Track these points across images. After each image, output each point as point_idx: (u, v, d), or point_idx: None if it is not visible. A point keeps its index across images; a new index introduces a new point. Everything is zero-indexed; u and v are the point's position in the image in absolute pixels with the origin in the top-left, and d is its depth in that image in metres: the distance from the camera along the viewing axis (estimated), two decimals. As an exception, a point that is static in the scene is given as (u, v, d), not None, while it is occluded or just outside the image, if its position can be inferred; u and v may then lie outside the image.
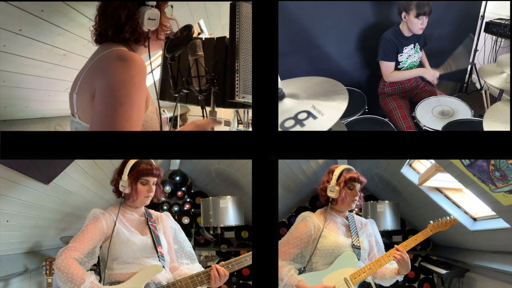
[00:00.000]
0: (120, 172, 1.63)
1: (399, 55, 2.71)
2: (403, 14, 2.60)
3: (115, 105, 1.22)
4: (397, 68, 2.77)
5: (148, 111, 1.40)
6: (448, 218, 1.78)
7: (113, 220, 1.57)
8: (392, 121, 2.76)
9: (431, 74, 2.73)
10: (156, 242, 1.60)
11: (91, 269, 1.53)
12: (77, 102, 1.34)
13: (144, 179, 1.61)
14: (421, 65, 2.86)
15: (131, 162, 1.62)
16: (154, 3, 1.38)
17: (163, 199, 1.70)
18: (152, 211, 1.71)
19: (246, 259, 1.63)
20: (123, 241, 1.55)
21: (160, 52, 1.94)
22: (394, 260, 1.72)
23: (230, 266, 1.60)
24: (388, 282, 1.80)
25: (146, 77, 1.31)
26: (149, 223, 1.64)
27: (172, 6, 1.48)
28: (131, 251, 1.55)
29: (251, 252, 1.62)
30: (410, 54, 2.74)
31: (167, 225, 1.71)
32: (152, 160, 1.66)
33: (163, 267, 1.58)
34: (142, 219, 1.66)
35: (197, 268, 1.68)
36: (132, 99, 1.24)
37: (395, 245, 1.73)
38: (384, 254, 1.77)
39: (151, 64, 1.40)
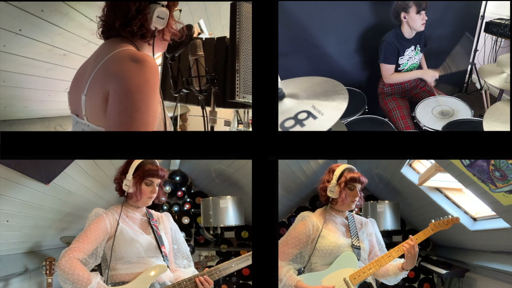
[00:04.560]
0: (124, 171, 1.61)
1: (400, 58, 2.71)
2: (402, 14, 2.60)
3: (131, 111, 1.20)
4: (397, 70, 2.76)
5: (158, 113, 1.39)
6: (449, 216, 1.76)
7: (116, 219, 1.56)
8: (391, 121, 2.76)
9: (431, 76, 2.72)
10: (159, 242, 1.59)
11: (92, 270, 1.52)
12: (86, 104, 1.30)
13: (149, 179, 1.60)
14: (420, 67, 2.86)
15: (137, 161, 1.61)
16: (165, 2, 1.38)
17: (163, 199, 1.70)
18: (152, 211, 1.71)
19: (231, 265, 1.63)
20: (128, 240, 1.54)
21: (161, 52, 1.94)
22: (397, 257, 1.72)
23: (217, 272, 1.60)
24: (393, 280, 1.78)
25: (159, 78, 1.29)
26: (152, 223, 1.64)
27: (180, 10, 1.47)
28: (136, 250, 1.54)
29: (236, 258, 1.64)
30: (411, 56, 2.74)
31: (167, 225, 1.71)
32: (156, 161, 1.66)
33: (167, 267, 1.58)
34: (144, 219, 1.65)
35: (192, 271, 1.67)
36: (148, 103, 1.22)
37: (410, 235, 1.73)
38: (384, 254, 1.76)
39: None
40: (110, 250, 1.52)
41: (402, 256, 1.76)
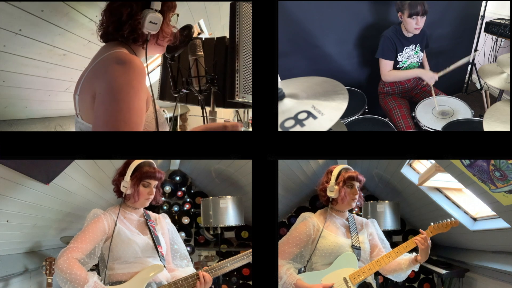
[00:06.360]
0: (122, 172, 1.63)
1: (398, 55, 2.71)
2: (399, 14, 2.60)
3: (114, 110, 1.24)
4: (396, 68, 2.76)
5: (149, 111, 1.40)
6: (449, 220, 1.77)
7: (114, 220, 1.58)
8: (391, 121, 2.76)
9: (430, 77, 2.70)
10: (156, 242, 1.60)
11: (90, 270, 1.53)
12: (79, 103, 1.36)
13: (146, 181, 1.62)
14: (421, 66, 2.86)
15: (135, 163, 1.62)
16: (159, 7, 1.39)
17: (163, 199, 1.71)
18: (150, 212, 1.72)
19: (227, 264, 1.64)
20: (124, 241, 1.55)
21: (160, 52, 1.94)
22: (396, 258, 1.73)
23: (213, 271, 1.61)
24: (403, 275, 1.80)
25: (145, 79, 1.32)
26: (149, 223, 1.65)
27: (178, 15, 1.48)
28: (133, 250, 1.55)
29: (232, 258, 1.65)
30: (410, 55, 2.74)
31: (165, 226, 1.72)
32: (154, 163, 1.66)
33: (164, 266, 1.58)
34: (141, 220, 1.67)
35: (191, 271, 1.68)
36: (130, 103, 1.25)
37: (420, 230, 1.76)
38: (384, 255, 1.77)
39: (147, 67, 1.41)
40: (108, 250, 1.54)
41: (413, 251, 1.78)
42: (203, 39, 1.86)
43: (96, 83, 1.28)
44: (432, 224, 1.79)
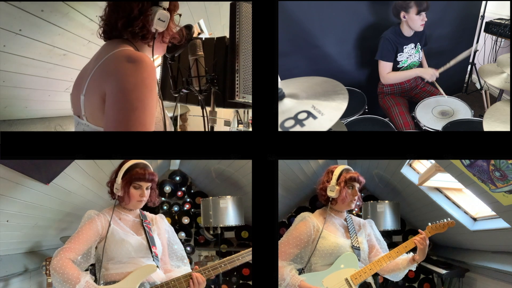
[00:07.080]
0: (116, 174, 1.63)
1: (398, 55, 2.71)
2: (402, 13, 2.60)
3: (128, 110, 1.21)
4: (396, 68, 2.76)
5: (156, 112, 1.39)
6: (445, 220, 1.79)
7: (108, 220, 1.58)
8: (390, 118, 2.76)
9: (430, 74, 2.71)
10: (150, 243, 1.60)
11: (87, 270, 1.54)
12: (85, 104, 1.32)
13: (136, 183, 1.61)
14: (420, 66, 2.86)
15: (127, 165, 1.62)
16: (167, 5, 1.39)
17: (163, 199, 1.70)
18: (146, 213, 1.72)
19: (221, 265, 1.65)
20: (118, 241, 1.56)
21: (160, 52, 1.94)
22: (397, 257, 1.74)
23: (206, 272, 1.61)
24: (401, 274, 1.81)
25: (156, 77, 1.29)
26: (144, 224, 1.65)
27: (180, 15, 1.48)
28: (126, 250, 1.55)
29: (226, 258, 1.66)
30: (411, 54, 2.74)
31: (162, 227, 1.72)
32: (148, 165, 1.65)
33: (157, 267, 1.58)
34: (137, 221, 1.67)
35: (187, 271, 1.67)
36: (145, 102, 1.22)
37: (419, 230, 1.77)
38: (384, 255, 1.78)
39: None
40: (102, 250, 1.55)
41: (412, 251, 1.79)
42: (203, 39, 1.86)
43: (106, 83, 1.24)
44: (429, 224, 1.80)
